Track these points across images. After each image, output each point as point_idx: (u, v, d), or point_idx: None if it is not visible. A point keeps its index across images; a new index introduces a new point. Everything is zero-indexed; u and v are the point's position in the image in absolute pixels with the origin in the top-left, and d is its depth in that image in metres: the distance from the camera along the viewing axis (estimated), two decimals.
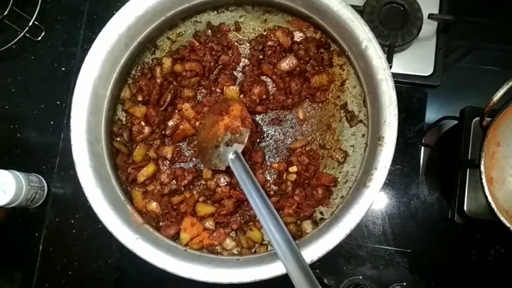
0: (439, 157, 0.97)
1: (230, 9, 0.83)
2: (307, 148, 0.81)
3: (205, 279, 0.67)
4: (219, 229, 0.78)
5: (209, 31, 0.83)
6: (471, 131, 0.91)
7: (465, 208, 0.89)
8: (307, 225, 0.77)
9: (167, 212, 0.78)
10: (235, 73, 0.84)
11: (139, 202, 0.78)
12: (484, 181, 0.76)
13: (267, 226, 0.67)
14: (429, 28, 0.95)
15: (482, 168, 0.76)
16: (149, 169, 0.79)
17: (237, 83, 0.83)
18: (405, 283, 0.90)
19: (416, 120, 0.96)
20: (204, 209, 0.78)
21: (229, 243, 0.77)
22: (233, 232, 0.79)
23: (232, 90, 0.82)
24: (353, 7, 0.90)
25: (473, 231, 0.92)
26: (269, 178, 0.81)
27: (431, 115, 0.98)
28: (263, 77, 0.83)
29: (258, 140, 0.83)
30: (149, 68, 0.83)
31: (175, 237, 0.77)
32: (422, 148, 0.96)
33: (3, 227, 0.98)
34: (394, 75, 0.93)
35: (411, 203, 0.94)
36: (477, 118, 0.89)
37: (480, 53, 1.01)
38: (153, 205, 0.78)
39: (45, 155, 0.99)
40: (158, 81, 0.81)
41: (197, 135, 0.82)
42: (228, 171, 0.77)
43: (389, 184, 0.94)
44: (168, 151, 0.81)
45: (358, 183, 0.72)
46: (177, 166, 0.82)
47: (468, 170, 0.90)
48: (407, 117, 0.95)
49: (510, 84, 0.74)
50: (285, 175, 0.80)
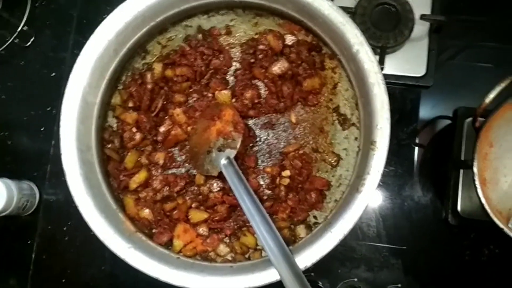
0: (432, 158, 0.97)
1: (220, 13, 0.83)
2: (300, 152, 0.81)
3: (198, 287, 0.67)
4: (213, 235, 0.77)
5: (200, 35, 0.82)
6: (464, 132, 0.91)
7: (458, 208, 0.89)
8: (300, 230, 0.77)
9: (159, 219, 0.77)
10: (226, 77, 0.83)
11: (131, 209, 0.78)
12: (477, 182, 0.76)
13: (260, 232, 0.67)
14: (421, 28, 0.94)
15: (475, 169, 0.76)
16: (141, 175, 0.79)
17: (228, 87, 0.82)
18: (399, 285, 0.90)
19: (409, 121, 0.96)
20: (197, 215, 0.77)
21: (222, 249, 0.77)
22: (226, 238, 0.78)
23: (224, 95, 0.81)
24: (345, 8, 0.91)
25: (467, 231, 0.92)
26: (262, 183, 0.81)
27: (424, 115, 0.98)
28: (255, 81, 0.82)
29: (250, 145, 0.82)
30: (139, 73, 0.82)
31: (168, 244, 0.76)
32: (416, 149, 0.96)
33: None
34: (387, 76, 0.94)
35: (405, 204, 0.94)
36: (470, 119, 0.89)
37: (474, 52, 1.01)
38: (146, 212, 0.78)
39: (36, 162, 0.98)
40: (149, 86, 0.81)
41: (189, 141, 0.81)
42: (221, 177, 0.76)
43: (382, 185, 0.94)
44: (160, 157, 0.80)
45: (351, 188, 0.71)
46: (170, 172, 0.81)
47: (462, 171, 0.90)
48: (400, 118, 0.95)
49: (502, 85, 0.74)
50: (278, 179, 0.80)
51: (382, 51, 0.90)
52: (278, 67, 0.79)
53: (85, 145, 0.73)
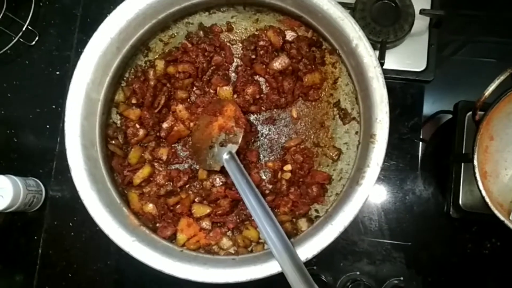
0: (434, 151, 0.97)
1: (221, 9, 0.84)
2: (302, 147, 0.82)
3: (201, 279, 0.68)
4: (216, 228, 0.79)
5: (201, 32, 0.83)
6: (465, 126, 0.91)
7: (460, 202, 0.90)
8: (302, 223, 0.78)
9: (163, 213, 0.79)
10: (228, 73, 0.84)
11: (135, 204, 0.79)
12: (477, 175, 0.77)
13: (262, 225, 0.68)
14: (421, 23, 0.95)
15: (476, 162, 0.77)
16: (144, 171, 0.80)
17: (230, 83, 0.83)
18: (402, 278, 0.91)
19: (410, 116, 0.96)
20: (200, 209, 0.79)
21: (225, 242, 0.78)
22: (229, 231, 0.79)
23: (226, 91, 0.82)
24: (345, 4, 0.92)
25: (469, 224, 0.93)
26: (264, 177, 0.82)
27: (426, 109, 0.98)
28: (256, 77, 0.83)
29: (252, 140, 0.83)
30: (142, 70, 0.83)
31: (172, 238, 0.77)
32: (417, 143, 0.96)
33: (2, 231, 0.99)
34: (387, 71, 0.94)
35: (407, 198, 0.94)
36: (471, 113, 0.89)
37: (475, 46, 1.01)
38: (150, 207, 0.79)
39: (42, 159, 0.99)
40: (152, 83, 0.82)
41: (192, 136, 0.82)
42: (223, 171, 0.77)
43: (384, 179, 0.95)
44: (163, 152, 0.81)
45: (351, 181, 0.72)
46: (173, 168, 0.82)
47: (463, 164, 0.90)
48: (401, 113, 0.95)
49: (501, 78, 0.75)
50: (280, 173, 0.81)
51: (382, 46, 0.90)
52: (279, 63, 0.80)
53: (89, 141, 0.74)
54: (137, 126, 0.81)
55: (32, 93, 1.03)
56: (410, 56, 0.95)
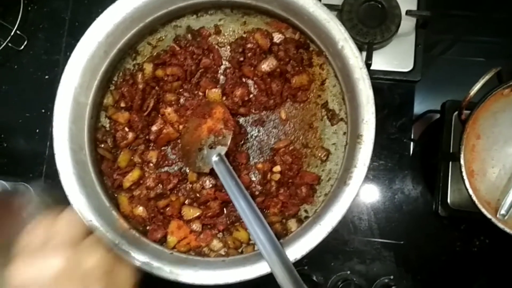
0: (422, 151, 0.98)
1: (209, 12, 0.84)
2: (290, 148, 0.82)
3: (191, 281, 0.68)
4: (206, 230, 0.79)
5: (189, 35, 0.84)
6: (452, 125, 0.92)
7: (448, 200, 0.91)
8: (292, 224, 0.78)
9: (153, 216, 0.79)
10: (216, 76, 0.84)
11: (125, 207, 0.79)
12: (464, 174, 0.77)
13: (251, 226, 0.68)
14: (407, 24, 0.96)
15: (462, 161, 0.77)
16: (134, 174, 0.80)
17: (219, 85, 0.84)
18: (392, 277, 0.92)
19: (398, 115, 0.97)
20: (190, 211, 0.79)
21: (216, 244, 0.78)
22: (219, 233, 0.80)
23: (215, 93, 0.82)
24: (332, 6, 0.92)
25: (457, 223, 0.94)
26: (254, 179, 0.82)
27: (414, 109, 0.99)
28: (244, 79, 0.84)
29: (241, 142, 0.83)
30: (130, 74, 0.83)
31: (162, 240, 0.78)
32: (406, 142, 0.97)
33: None
34: (375, 72, 0.95)
35: (396, 197, 0.95)
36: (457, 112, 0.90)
37: (462, 46, 1.02)
38: (140, 210, 0.79)
39: (32, 163, 0.99)
40: (140, 86, 0.82)
41: (181, 139, 0.83)
42: (213, 173, 0.77)
43: (373, 179, 0.96)
44: (152, 155, 0.82)
45: (339, 181, 0.73)
46: (162, 170, 0.82)
47: (451, 163, 0.91)
48: (389, 113, 0.96)
49: (486, 77, 0.75)
50: (269, 175, 0.81)
51: (369, 47, 0.91)
52: (267, 65, 0.81)
53: (78, 145, 0.75)
54: (126, 129, 0.81)
55: (21, 97, 1.03)
56: (397, 56, 0.96)
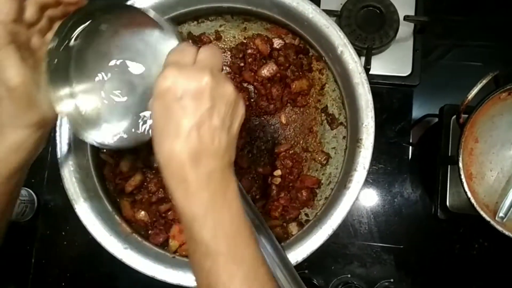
0: (421, 154, 0.99)
1: (210, 19, 0.85)
2: (291, 152, 0.83)
3: (194, 284, 0.68)
4: None
5: (190, 41, 0.85)
6: (450, 129, 0.93)
7: (447, 203, 0.91)
8: (293, 227, 0.79)
9: (155, 220, 0.80)
10: None
11: (127, 211, 0.80)
12: (463, 177, 0.78)
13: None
14: (405, 29, 0.97)
15: (461, 164, 0.78)
16: (136, 178, 0.81)
17: None
18: (392, 280, 0.92)
19: (397, 120, 0.98)
20: None
21: None
22: None
23: None
24: (331, 11, 0.94)
25: (457, 226, 0.94)
26: (254, 183, 0.83)
27: (413, 113, 1.00)
28: (245, 84, 0.85)
29: (242, 146, 0.84)
30: None
31: (165, 244, 0.78)
32: (405, 146, 0.98)
33: None
34: (374, 76, 0.96)
35: (395, 200, 0.96)
36: (455, 116, 0.91)
37: (460, 50, 1.03)
38: (142, 214, 0.80)
39: (34, 168, 0.98)
40: None
41: None
42: None
43: (373, 183, 0.96)
44: (154, 160, 0.82)
45: (339, 185, 0.74)
46: None
47: (449, 166, 0.92)
48: (388, 117, 0.97)
49: (483, 82, 0.76)
50: (270, 179, 0.82)
51: (368, 52, 0.92)
52: (267, 70, 0.82)
53: (81, 150, 0.75)
54: None
55: None
56: (395, 61, 0.97)
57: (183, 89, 0.44)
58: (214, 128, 0.45)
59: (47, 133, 0.57)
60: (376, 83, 0.97)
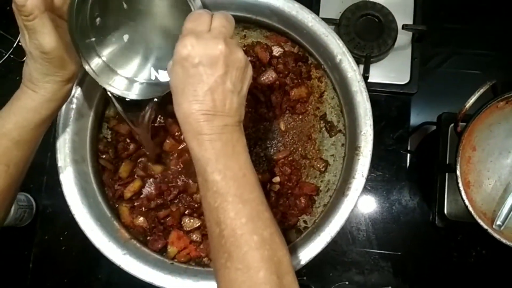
0: (419, 162, 1.00)
1: None
2: (290, 159, 0.83)
3: None
4: (206, 241, 0.79)
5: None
6: (448, 137, 0.93)
7: (445, 211, 0.92)
8: (291, 234, 0.79)
9: (154, 226, 0.80)
10: None
11: (126, 217, 0.80)
12: (460, 185, 0.79)
13: None
14: (404, 38, 0.97)
15: (458, 172, 0.79)
16: (135, 185, 0.81)
17: None
18: (390, 287, 0.92)
19: (395, 127, 0.99)
20: (190, 222, 0.80)
21: None
22: None
23: None
24: (330, 20, 0.94)
25: (454, 233, 0.95)
26: None
27: (411, 121, 1.01)
28: None
29: None
30: None
31: (163, 250, 0.78)
32: (403, 154, 0.99)
33: None
34: (372, 84, 0.97)
35: (393, 208, 0.96)
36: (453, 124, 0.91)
37: (458, 59, 1.04)
38: (140, 220, 0.80)
39: (33, 174, 0.97)
40: None
41: (182, 150, 0.83)
42: None
43: (371, 190, 0.97)
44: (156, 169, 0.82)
45: (338, 192, 0.74)
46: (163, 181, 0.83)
47: (447, 174, 0.92)
48: (386, 125, 0.98)
49: (481, 91, 0.77)
50: (268, 185, 0.82)
51: (366, 61, 0.93)
52: (266, 78, 0.82)
53: (80, 156, 0.76)
54: (128, 140, 0.82)
55: None
56: (394, 69, 0.98)
57: (200, 56, 0.49)
58: (227, 91, 0.52)
59: (72, 86, 0.65)
60: (374, 91, 0.97)
